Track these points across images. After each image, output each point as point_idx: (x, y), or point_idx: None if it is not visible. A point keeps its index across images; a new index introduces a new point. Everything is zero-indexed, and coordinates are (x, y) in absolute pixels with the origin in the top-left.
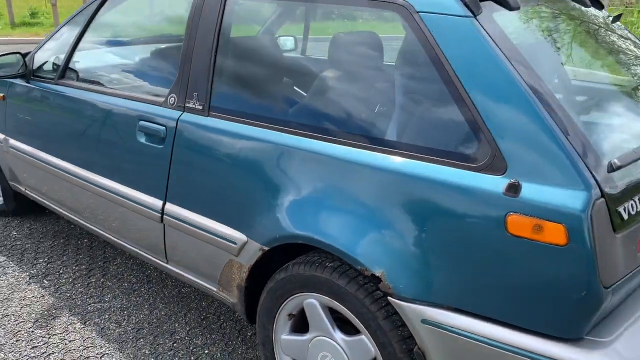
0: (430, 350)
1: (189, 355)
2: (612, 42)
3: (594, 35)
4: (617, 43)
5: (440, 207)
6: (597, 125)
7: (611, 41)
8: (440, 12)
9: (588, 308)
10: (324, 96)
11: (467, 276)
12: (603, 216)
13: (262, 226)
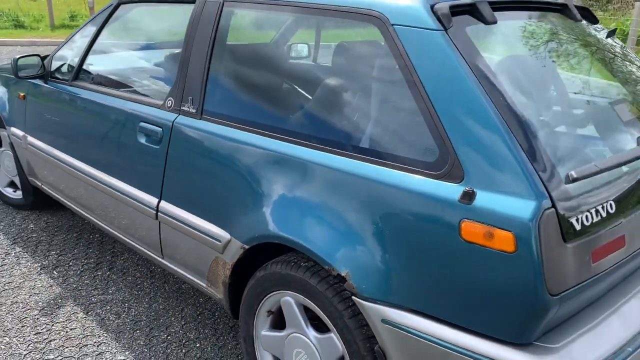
0: (390, 349)
1: (180, 347)
2: (596, 56)
3: (577, 49)
4: (601, 57)
5: (400, 211)
6: (563, 138)
7: (596, 55)
8: (412, 25)
9: (534, 314)
10: (301, 103)
11: (423, 279)
12: (552, 226)
13: (243, 225)
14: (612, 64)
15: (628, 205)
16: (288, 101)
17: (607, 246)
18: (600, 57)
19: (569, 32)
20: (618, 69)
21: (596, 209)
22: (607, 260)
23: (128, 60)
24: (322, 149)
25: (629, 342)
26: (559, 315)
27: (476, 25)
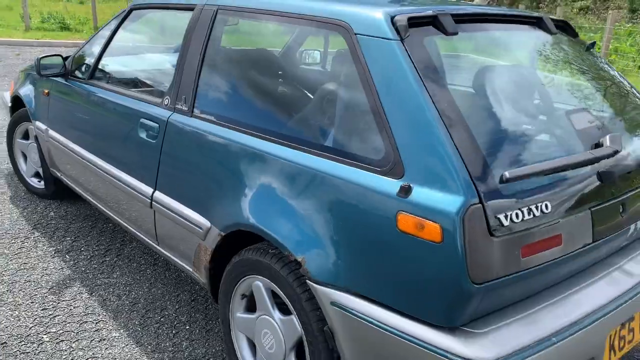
0: (337, 329)
1: (171, 328)
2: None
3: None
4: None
5: (349, 203)
6: (504, 141)
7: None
8: (372, 34)
9: (458, 301)
10: (271, 104)
11: (366, 265)
12: (477, 220)
13: (220, 214)
14: (580, 75)
15: (566, 207)
16: (261, 102)
17: (539, 243)
18: (567, 68)
19: (537, 44)
20: (584, 80)
21: (529, 208)
22: (539, 256)
23: (136, 61)
24: (287, 145)
25: (555, 334)
26: (488, 304)
27: (436, 36)
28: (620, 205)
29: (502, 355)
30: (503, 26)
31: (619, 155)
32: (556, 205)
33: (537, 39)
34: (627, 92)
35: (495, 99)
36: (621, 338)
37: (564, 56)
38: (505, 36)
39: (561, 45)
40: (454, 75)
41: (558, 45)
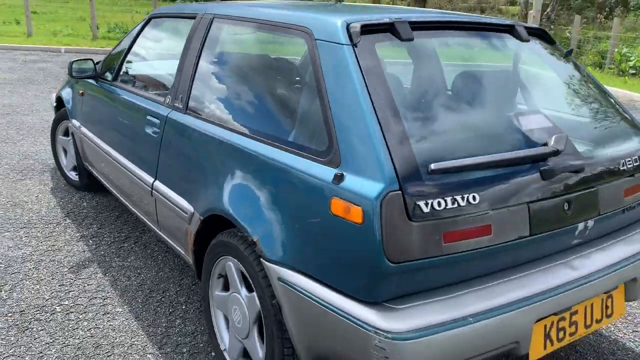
0: (283, 303)
1: (169, 307)
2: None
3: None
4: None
5: (295, 189)
6: (437, 136)
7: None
8: (329, 40)
9: (376, 277)
10: (241, 100)
11: (305, 245)
12: (396, 206)
13: (200, 200)
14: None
15: (499, 200)
16: (234, 99)
17: (464, 231)
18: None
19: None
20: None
21: (453, 198)
22: (464, 243)
23: (151, 64)
24: (251, 138)
25: (473, 315)
26: (410, 283)
27: (391, 41)
28: (565, 202)
29: (414, 328)
30: (470, 33)
31: (564, 155)
32: (486, 198)
33: (506, 45)
34: (598, 98)
35: (439, 99)
36: (560, 329)
37: (534, 61)
38: (470, 42)
39: (533, 51)
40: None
41: (529, 51)
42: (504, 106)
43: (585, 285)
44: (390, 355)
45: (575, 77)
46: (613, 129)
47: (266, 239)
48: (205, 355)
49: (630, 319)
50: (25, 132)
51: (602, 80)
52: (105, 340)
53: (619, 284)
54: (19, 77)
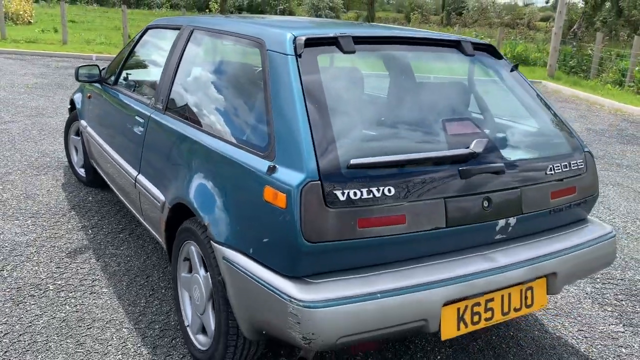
0: (226, 279)
1: (150, 291)
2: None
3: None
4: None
5: (238, 179)
6: (360, 136)
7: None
8: (277, 50)
9: (295, 254)
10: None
11: (244, 228)
12: (314, 193)
13: (169, 191)
14: (488, 91)
15: (414, 193)
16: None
17: (379, 219)
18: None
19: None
20: (492, 95)
21: (369, 190)
22: (378, 229)
23: (144, 69)
24: (207, 134)
25: (382, 292)
26: (327, 261)
27: (334, 53)
28: (484, 200)
29: (324, 298)
30: (417, 48)
31: (483, 158)
32: (401, 191)
33: (451, 59)
34: (539, 110)
35: (370, 105)
36: (475, 314)
37: (478, 74)
38: (416, 56)
39: (476, 64)
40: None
41: (471, 64)
42: (435, 113)
43: (500, 275)
44: (301, 320)
45: (516, 88)
46: (548, 137)
47: (215, 223)
48: (174, 331)
49: (580, 319)
50: (46, 133)
51: (621, 98)
52: (88, 315)
53: (539, 277)
54: (50, 82)
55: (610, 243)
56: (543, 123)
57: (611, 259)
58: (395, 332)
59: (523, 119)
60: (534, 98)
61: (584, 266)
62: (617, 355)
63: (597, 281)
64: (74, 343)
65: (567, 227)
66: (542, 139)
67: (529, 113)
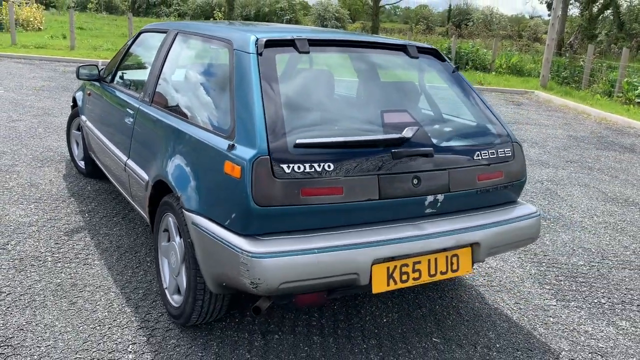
0: (194, 240)
1: (137, 263)
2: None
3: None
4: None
5: (205, 156)
6: (306, 121)
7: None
8: (242, 49)
9: (247, 216)
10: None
11: (209, 196)
12: (264, 166)
13: (152, 171)
14: (427, 88)
15: (350, 169)
16: (177, 92)
17: (319, 189)
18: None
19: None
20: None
21: (311, 165)
22: (318, 198)
23: (137, 68)
24: (182, 120)
25: (318, 248)
26: (276, 223)
27: (291, 53)
28: (413, 178)
29: (269, 251)
30: (366, 50)
31: (414, 142)
32: (339, 167)
33: (397, 61)
34: (474, 106)
35: (320, 97)
36: (404, 273)
37: (422, 73)
38: (365, 57)
39: (420, 65)
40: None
41: (417, 66)
42: (377, 106)
43: (426, 241)
44: (249, 268)
45: (455, 87)
46: (479, 128)
47: (186, 195)
48: (155, 295)
49: (519, 295)
50: (51, 130)
51: (608, 107)
52: (81, 282)
53: (463, 246)
54: (56, 85)
55: (534, 221)
56: (477, 116)
57: (535, 235)
58: (331, 282)
59: (460, 112)
60: (471, 96)
61: (507, 239)
62: (545, 322)
63: (542, 264)
64: (68, 302)
65: (495, 207)
66: (473, 130)
67: (465, 108)
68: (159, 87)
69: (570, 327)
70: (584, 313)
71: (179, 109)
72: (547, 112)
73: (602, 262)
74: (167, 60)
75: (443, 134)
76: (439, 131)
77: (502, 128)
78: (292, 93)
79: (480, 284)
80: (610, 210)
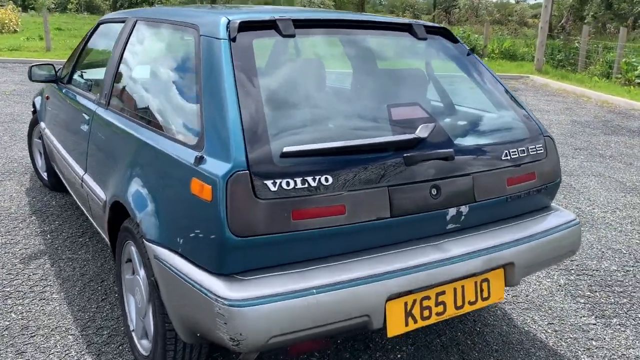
0: (158, 279)
1: (102, 295)
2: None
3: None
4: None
5: (169, 172)
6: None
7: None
8: (210, 35)
9: (222, 250)
10: (142, 94)
11: (173, 224)
12: (242, 184)
13: (109, 189)
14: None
15: (353, 181)
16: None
17: (316, 210)
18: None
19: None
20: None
21: (304, 179)
22: (315, 221)
23: (94, 66)
24: (143, 127)
25: (318, 287)
26: (259, 257)
27: (272, 37)
28: (431, 188)
29: (253, 296)
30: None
31: (430, 143)
32: (340, 179)
33: (402, 43)
34: (496, 94)
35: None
36: (425, 308)
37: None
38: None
39: (428, 48)
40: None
41: (425, 49)
42: (382, 99)
43: (451, 266)
44: (228, 320)
45: (473, 73)
46: (504, 122)
47: (147, 220)
48: (122, 337)
49: (550, 312)
50: (18, 139)
51: (608, 89)
52: (34, 323)
53: (495, 268)
54: (28, 89)
55: (574, 231)
56: (500, 108)
57: (575, 247)
58: (335, 330)
59: (479, 104)
60: (491, 83)
61: (544, 255)
62: (587, 348)
63: (571, 272)
64: (14, 352)
65: (527, 215)
66: (497, 124)
67: (485, 98)
68: (116, 87)
69: (617, 352)
70: (629, 333)
71: (138, 113)
72: (545, 97)
73: (637, 266)
74: (124, 54)
75: (463, 131)
76: (458, 127)
77: (530, 120)
78: (275, 87)
79: (504, 300)
80: (632, 203)
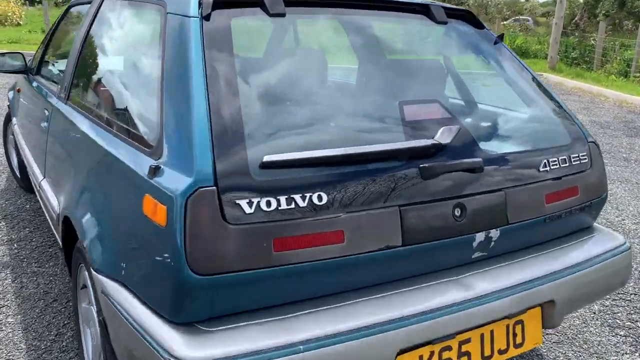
0: (106, 319)
1: (65, 319)
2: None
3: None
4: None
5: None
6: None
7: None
8: (178, 13)
9: (180, 292)
10: (99, 86)
11: (123, 252)
12: (206, 205)
13: (61, 201)
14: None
15: (353, 200)
16: (97, 86)
17: (305, 238)
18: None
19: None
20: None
21: (290, 197)
22: (304, 252)
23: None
24: (98, 125)
25: (306, 342)
26: (230, 300)
27: (255, 16)
28: (455, 207)
29: (219, 356)
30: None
31: (453, 151)
32: (337, 198)
33: (418, 27)
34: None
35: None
36: None
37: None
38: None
39: (449, 35)
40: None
41: (444, 34)
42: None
43: (477, 308)
44: None
45: (501, 65)
46: (541, 125)
47: (94, 245)
48: None
49: (586, 346)
50: None
51: (626, 88)
52: None
53: (531, 307)
54: None
55: (624, 258)
56: (535, 108)
57: (625, 278)
58: None
59: (510, 103)
60: (524, 77)
61: (590, 289)
62: None
63: (606, 297)
64: None
65: (567, 240)
66: (533, 128)
67: (517, 96)
68: (76, 78)
69: None
70: None
71: (94, 109)
72: (560, 95)
73: None
74: (87, 40)
75: (492, 136)
76: (486, 132)
77: (572, 123)
78: (258, 80)
79: None
80: None
